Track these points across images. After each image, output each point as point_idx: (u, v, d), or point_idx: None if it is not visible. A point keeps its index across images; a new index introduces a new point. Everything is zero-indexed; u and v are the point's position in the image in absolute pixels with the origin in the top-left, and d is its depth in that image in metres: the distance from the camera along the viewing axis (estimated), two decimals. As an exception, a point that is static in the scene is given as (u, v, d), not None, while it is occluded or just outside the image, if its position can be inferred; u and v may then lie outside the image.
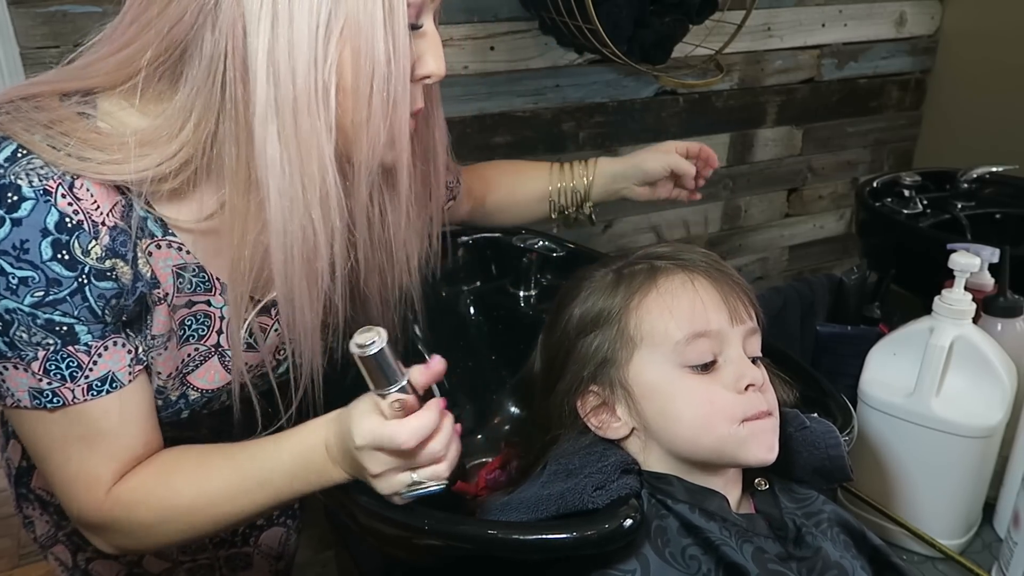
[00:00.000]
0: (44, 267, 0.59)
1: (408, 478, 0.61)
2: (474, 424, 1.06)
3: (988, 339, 0.91)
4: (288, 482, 0.65)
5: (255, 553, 0.99)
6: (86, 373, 0.62)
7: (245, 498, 0.65)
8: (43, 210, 0.58)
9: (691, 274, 0.67)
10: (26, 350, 0.60)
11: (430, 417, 0.60)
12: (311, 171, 0.60)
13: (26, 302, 0.59)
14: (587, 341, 0.67)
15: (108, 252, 0.61)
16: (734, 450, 0.63)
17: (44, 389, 0.62)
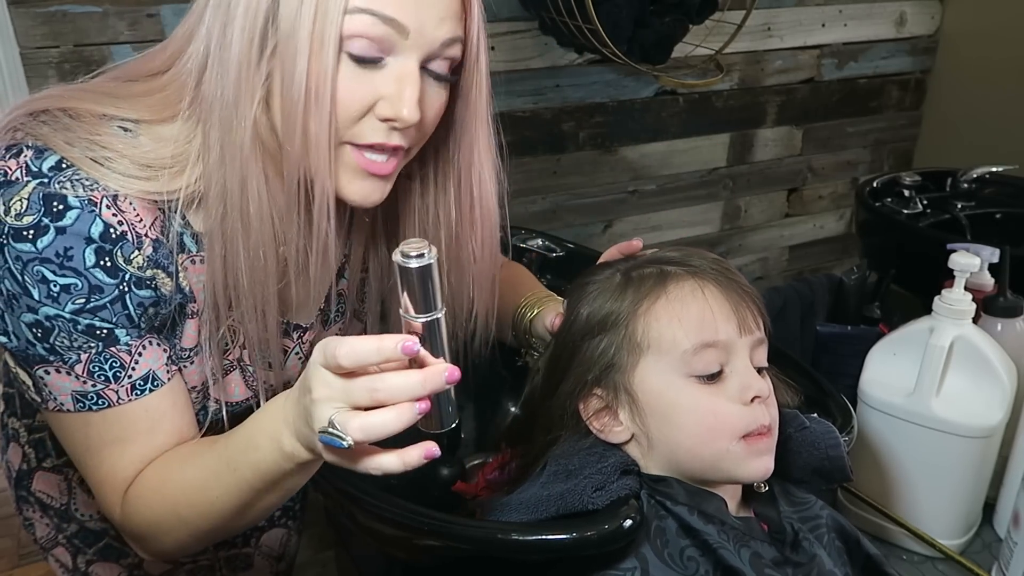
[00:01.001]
0: (87, 274, 0.59)
1: (328, 412, 0.52)
2: (474, 424, 1.06)
3: (988, 339, 0.91)
4: (246, 456, 0.60)
5: (256, 554, 0.99)
6: (129, 373, 0.63)
7: (222, 484, 0.62)
8: (88, 220, 0.59)
9: (701, 281, 0.66)
10: (68, 354, 0.61)
11: (387, 349, 0.50)
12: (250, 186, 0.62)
13: (67, 309, 0.59)
14: (593, 344, 0.67)
15: (150, 262, 0.62)
16: (731, 467, 0.63)
17: (88, 392, 0.62)
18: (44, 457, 0.87)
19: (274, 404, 0.60)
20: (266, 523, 0.99)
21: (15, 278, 0.59)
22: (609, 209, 1.78)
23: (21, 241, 0.58)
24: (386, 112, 0.61)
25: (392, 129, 0.62)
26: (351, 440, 0.50)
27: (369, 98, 0.61)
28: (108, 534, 0.89)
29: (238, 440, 0.61)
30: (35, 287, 0.58)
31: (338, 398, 0.52)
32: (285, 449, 0.57)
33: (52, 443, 0.86)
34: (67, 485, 0.87)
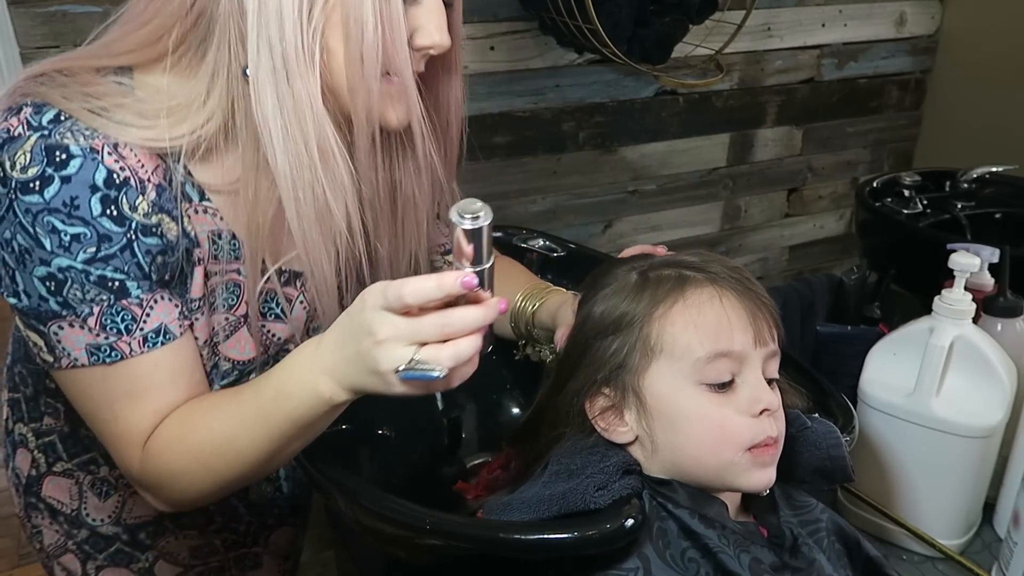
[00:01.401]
0: (95, 223, 0.61)
1: (410, 352, 0.56)
2: (475, 424, 1.06)
3: (988, 339, 0.91)
4: (277, 405, 0.62)
5: (264, 553, 0.99)
6: (140, 326, 0.64)
7: (252, 433, 0.64)
8: (91, 167, 0.60)
9: (720, 289, 0.64)
10: (81, 307, 0.62)
11: (447, 286, 0.55)
12: (307, 130, 0.63)
13: (79, 259, 0.61)
14: (605, 343, 0.66)
15: (155, 207, 0.64)
16: (734, 477, 0.63)
17: (102, 344, 0.63)
18: (54, 461, 0.86)
19: (302, 354, 0.62)
20: (274, 521, 0.99)
21: (27, 231, 0.60)
22: (609, 209, 1.78)
23: (29, 193, 0.59)
24: (424, 41, 0.67)
25: (423, 57, 0.69)
26: (445, 370, 0.55)
27: (409, 31, 0.65)
28: (119, 539, 0.89)
29: (267, 390, 0.63)
30: (46, 238, 0.60)
31: (406, 336, 0.55)
32: (323, 395, 0.60)
33: (62, 446, 0.86)
34: (78, 489, 0.87)
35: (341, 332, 0.60)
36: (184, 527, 0.91)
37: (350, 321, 0.59)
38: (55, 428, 0.85)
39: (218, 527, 0.93)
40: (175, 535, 0.91)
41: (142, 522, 0.89)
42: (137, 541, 0.89)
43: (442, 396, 1.04)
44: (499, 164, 1.57)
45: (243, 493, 0.94)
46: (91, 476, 0.86)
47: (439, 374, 0.55)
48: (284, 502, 0.99)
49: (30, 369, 0.86)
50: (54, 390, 0.84)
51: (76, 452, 0.86)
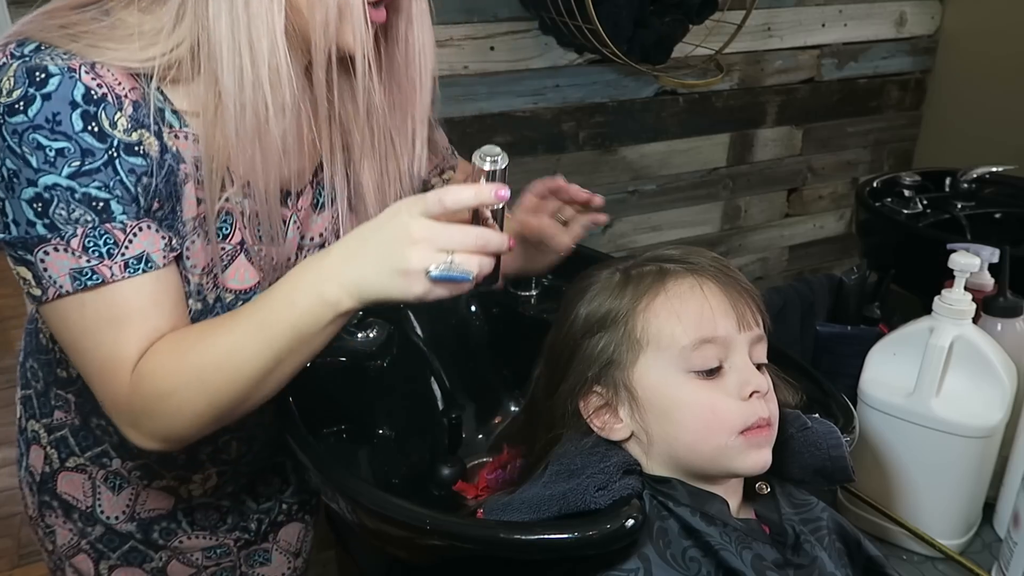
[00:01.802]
0: (77, 137, 0.63)
1: (443, 256, 0.60)
2: (475, 424, 1.06)
3: (988, 339, 0.91)
4: (279, 312, 0.64)
5: (274, 549, 1.00)
6: (122, 251, 0.65)
7: (252, 344, 0.64)
8: (69, 84, 0.62)
9: (700, 278, 0.66)
10: (65, 228, 0.63)
11: (483, 194, 0.62)
12: (261, 47, 0.65)
13: (64, 173, 0.62)
14: (592, 342, 0.67)
15: (133, 123, 0.65)
16: (729, 461, 0.64)
17: (84, 267, 0.64)
18: (67, 456, 0.87)
19: (306, 265, 0.65)
20: (284, 518, 1.00)
21: (14, 153, 0.62)
22: (609, 209, 1.77)
23: (14, 115, 0.62)
24: None
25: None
26: (475, 274, 0.61)
27: None
28: (134, 537, 0.89)
29: (269, 302, 0.65)
30: (32, 155, 0.62)
31: (444, 240, 0.60)
32: (329, 300, 0.62)
33: (74, 439, 0.86)
34: (91, 485, 0.87)
35: (359, 239, 0.63)
36: (197, 525, 0.91)
37: (377, 227, 0.63)
38: (66, 422, 0.86)
39: (229, 527, 0.94)
40: (188, 534, 0.91)
41: (156, 516, 0.89)
42: (151, 540, 0.90)
43: (442, 396, 1.05)
44: (499, 164, 1.57)
45: (250, 487, 0.94)
46: (103, 470, 0.87)
47: (472, 277, 0.61)
48: (292, 496, 0.99)
49: (41, 362, 0.86)
50: (64, 380, 0.85)
51: (88, 445, 0.86)
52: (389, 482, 0.95)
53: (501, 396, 1.09)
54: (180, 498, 0.90)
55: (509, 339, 1.09)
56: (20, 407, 0.91)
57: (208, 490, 0.91)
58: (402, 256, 0.60)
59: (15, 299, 2.75)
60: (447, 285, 0.61)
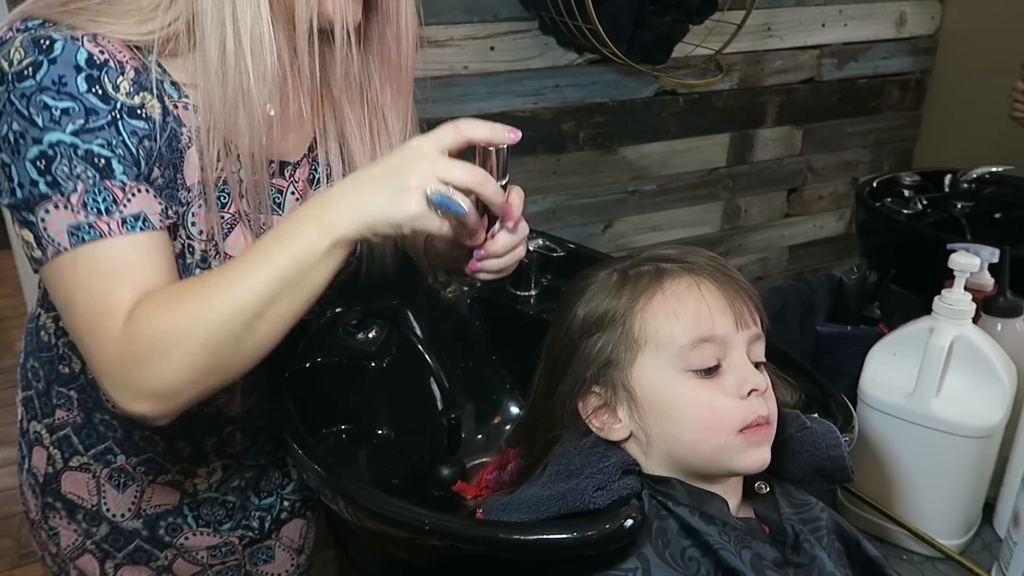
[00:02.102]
0: (81, 98, 0.65)
1: (431, 179, 0.62)
2: (475, 424, 1.06)
3: (988, 339, 0.91)
4: (278, 241, 0.64)
5: (277, 546, 1.00)
6: (120, 208, 0.66)
7: (250, 275, 0.64)
8: (73, 48, 0.65)
9: (697, 278, 0.66)
10: (66, 184, 0.64)
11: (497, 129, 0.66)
12: (244, 17, 0.67)
13: (68, 130, 0.64)
14: (591, 342, 0.67)
15: (135, 86, 0.68)
16: (728, 460, 0.64)
17: (81, 223, 0.65)
18: (70, 456, 0.87)
19: (310, 200, 0.66)
20: (286, 514, 1.00)
21: (22, 115, 0.64)
22: (609, 209, 1.78)
23: (23, 80, 0.64)
24: None
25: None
26: (467, 212, 0.63)
27: None
28: (139, 535, 0.89)
29: (269, 234, 0.65)
30: (39, 115, 0.64)
31: (447, 170, 0.62)
32: (325, 223, 0.63)
33: (77, 438, 0.86)
34: (96, 483, 0.87)
35: (366, 170, 0.65)
36: (202, 521, 0.92)
37: (386, 158, 0.65)
38: (68, 420, 0.86)
39: (233, 524, 0.94)
40: (193, 530, 0.91)
41: (162, 511, 0.89)
42: (156, 537, 0.90)
43: (442, 396, 1.05)
44: (499, 164, 1.57)
45: (254, 481, 0.94)
46: (108, 468, 0.87)
47: (465, 210, 0.63)
48: (293, 492, 1.00)
49: (42, 360, 0.87)
50: (67, 376, 0.85)
51: (91, 443, 0.86)
52: (389, 482, 0.96)
53: (501, 396, 1.09)
54: (186, 492, 0.90)
55: (509, 339, 1.09)
56: (21, 408, 0.91)
57: (213, 484, 0.91)
58: (404, 175, 0.62)
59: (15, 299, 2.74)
60: (438, 215, 0.63)
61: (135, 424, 0.85)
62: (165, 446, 0.87)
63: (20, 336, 0.92)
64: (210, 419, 0.87)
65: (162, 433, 0.86)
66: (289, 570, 1.02)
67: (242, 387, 0.87)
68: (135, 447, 0.86)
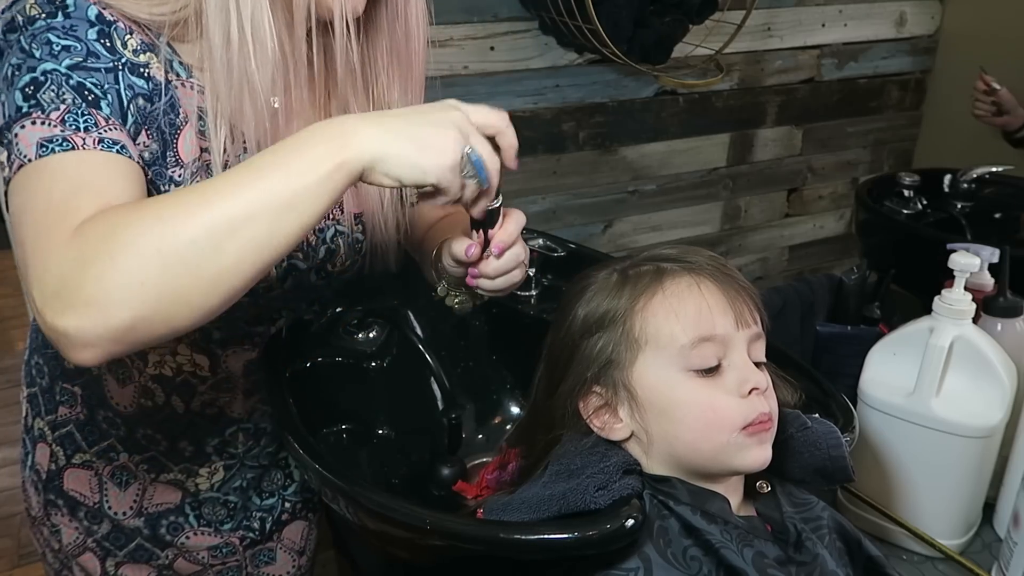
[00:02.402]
0: (87, 42, 0.65)
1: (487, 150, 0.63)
2: (475, 424, 1.06)
3: (988, 339, 0.91)
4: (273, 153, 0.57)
5: (278, 548, 1.00)
6: (100, 132, 0.62)
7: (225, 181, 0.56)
8: (84, 5, 0.66)
9: (697, 277, 0.66)
10: (49, 105, 0.61)
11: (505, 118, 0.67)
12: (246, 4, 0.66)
13: (64, 64, 0.63)
14: (591, 342, 0.67)
15: (143, 45, 0.68)
16: (730, 458, 0.64)
17: (55, 135, 0.59)
18: (73, 453, 0.87)
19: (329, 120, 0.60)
20: (288, 516, 1.00)
21: (23, 50, 0.63)
22: (609, 209, 1.79)
23: (34, 22, 0.64)
24: None
25: None
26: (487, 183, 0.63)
27: None
28: (141, 533, 0.90)
29: (274, 147, 0.58)
30: (39, 48, 0.63)
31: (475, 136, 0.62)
32: (336, 140, 0.56)
33: (80, 435, 0.87)
34: (98, 481, 0.88)
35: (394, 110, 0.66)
36: (204, 520, 0.92)
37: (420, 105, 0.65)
38: (71, 417, 0.86)
39: (234, 524, 0.94)
40: (194, 530, 0.91)
41: (164, 510, 0.90)
42: (158, 536, 0.90)
43: (442, 396, 1.05)
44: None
45: (256, 482, 0.94)
46: (110, 465, 0.87)
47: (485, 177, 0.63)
48: (295, 494, 1.00)
49: (47, 356, 0.87)
50: (71, 371, 0.85)
51: (94, 440, 0.87)
52: (389, 482, 0.95)
53: (501, 396, 1.08)
54: (187, 492, 0.90)
55: (509, 339, 1.08)
56: (26, 405, 0.91)
57: (215, 484, 0.91)
58: (445, 114, 0.61)
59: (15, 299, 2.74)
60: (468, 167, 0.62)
61: (138, 422, 0.85)
62: (167, 445, 0.87)
63: (20, 336, 0.92)
64: (213, 419, 0.88)
65: (164, 432, 0.86)
66: (290, 572, 1.02)
67: (244, 386, 0.87)
68: (137, 445, 0.86)
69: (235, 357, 0.85)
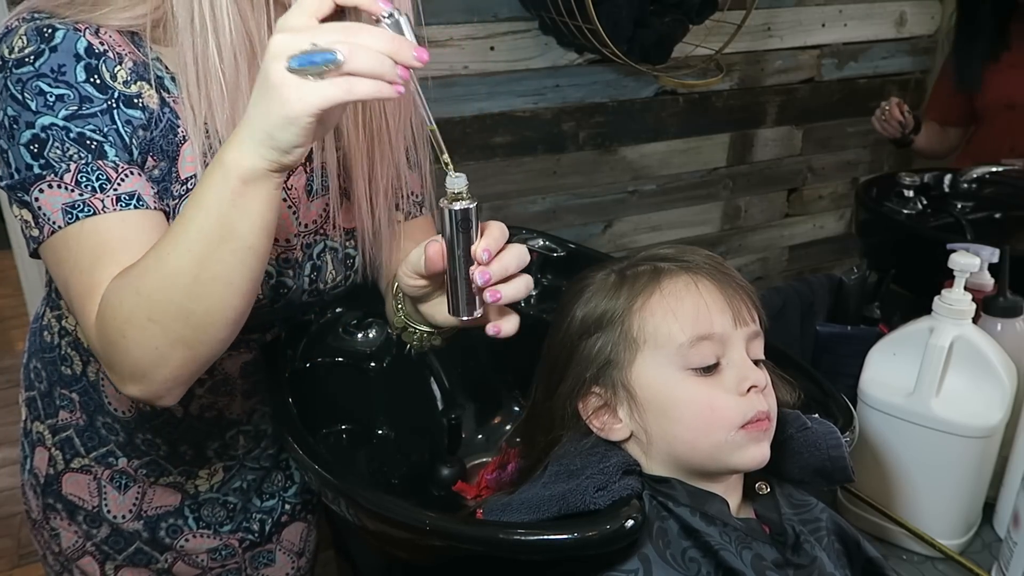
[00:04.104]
0: (78, 86, 0.66)
1: (305, 42, 0.51)
2: (475, 424, 1.06)
3: (988, 339, 0.91)
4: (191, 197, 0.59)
5: (278, 549, 1.00)
6: (115, 186, 0.66)
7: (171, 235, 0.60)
8: (73, 38, 0.66)
9: (695, 276, 0.66)
10: (59, 165, 0.65)
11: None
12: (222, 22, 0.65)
13: (60, 115, 0.65)
14: (590, 342, 0.67)
15: (133, 75, 0.69)
16: (728, 456, 0.64)
17: (76, 201, 0.65)
18: (72, 457, 0.87)
19: None
20: (287, 517, 1.00)
21: (16, 100, 0.65)
22: (609, 209, 1.79)
23: (22, 66, 0.65)
24: None
25: None
26: (340, 55, 0.50)
27: None
28: (140, 536, 0.90)
29: (194, 192, 0.60)
30: (33, 100, 0.65)
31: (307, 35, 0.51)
32: (226, 159, 0.56)
33: (79, 440, 0.87)
34: (97, 485, 0.87)
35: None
36: (203, 523, 0.92)
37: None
38: (71, 422, 0.86)
39: (233, 526, 0.94)
40: (193, 532, 0.91)
41: (163, 513, 0.89)
42: (157, 539, 0.90)
43: (442, 396, 1.05)
44: (499, 164, 1.57)
45: (256, 483, 0.95)
46: (109, 470, 0.87)
47: (338, 56, 0.50)
48: (295, 496, 1.00)
49: (45, 361, 0.87)
50: (69, 378, 0.85)
51: (93, 445, 0.86)
52: (389, 482, 0.95)
53: (501, 396, 1.08)
54: (187, 494, 0.90)
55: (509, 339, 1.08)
56: (25, 409, 0.91)
57: (214, 485, 0.91)
58: (266, 67, 0.52)
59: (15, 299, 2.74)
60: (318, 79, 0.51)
61: (137, 427, 0.85)
62: (167, 449, 0.87)
63: (20, 336, 0.92)
64: (212, 422, 0.87)
65: (164, 436, 0.86)
66: (289, 573, 1.02)
67: (242, 387, 0.87)
68: (137, 450, 0.86)
69: (231, 360, 0.85)
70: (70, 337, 0.84)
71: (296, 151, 0.55)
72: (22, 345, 0.92)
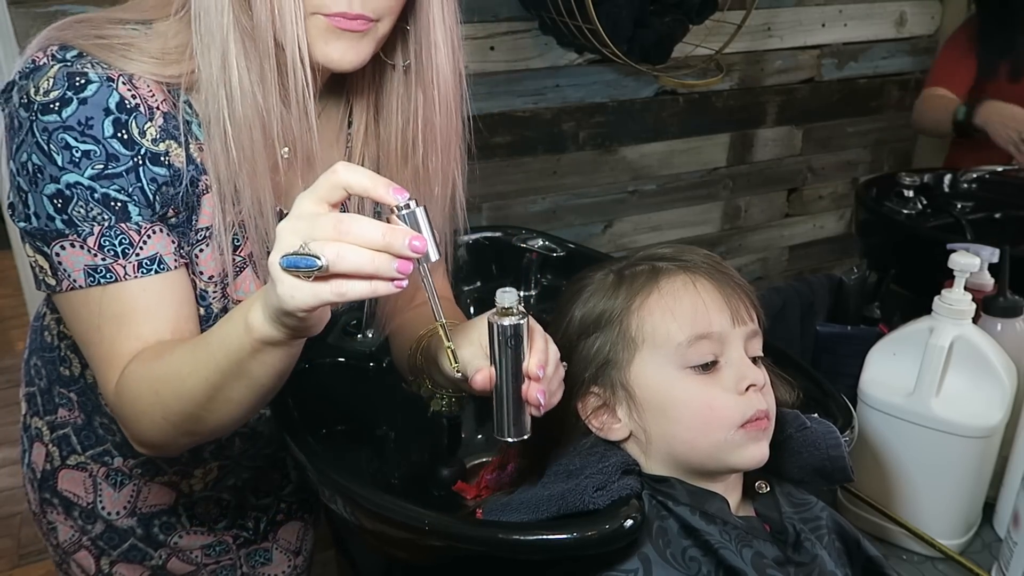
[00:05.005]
0: (105, 143, 0.65)
1: (295, 239, 0.51)
2: (474, 424, 1.06)
3: (988, 339, 0.91)
4: (219, 332, 0.60)
5: (274, 548, 1.00)
6: (136, 251, 0.67)
7: (194, 360, 0.62)
8: (106, 92, 0.65)
9: (693, 275, 0.66)
10: (83, 226, 0.65)
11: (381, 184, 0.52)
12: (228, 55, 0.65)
13: (86, 174, 0.65)
14: (588, 342, 0.67)
15: (162, 133, 0.68)
16: (728, 455, 0.64)
17: (99, 265, 0.66)
18: (68, 454, 0.87)
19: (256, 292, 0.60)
20: (283, 516, 1.00)
21: (42, 150, 0.64)
22: (609, 209, 1.79)
23: (48, 114, 0.64)
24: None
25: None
26: (324, 261, 0.50)
27: None
28: (134, 533, 0.90)
29: (220, 323, 0.62)
30: (59, 154, 0.64)
31: (304, 229, 0.51)
32: (249, 320, 0.57)
33: (76, 438, 0.87)
34: (92, 482, 0.88)
35: None
36: (196, 520, 0.92)
37: None
38: (69, 420, 0.86)
39: (228, 523, 0.94)
40: (187, 529, 0.92)
41: (157, 511, 0.90)
42: (151, 535, 0.90)
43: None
44: (499, 164, 1.57)
45: (252, 482, 0.95)
46: (105, 468, 0.87)
47: (321, 263, 0.50)
48: (292, 494, 0.99)
49: (45, 359, 0.87)
50: (67, 378, 0.85)
51: (90, 444, 0.87)
52: (389, 482, 0.95)
53: (501, 396, 1.08)
54: (181, 493, 0.90)
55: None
56: (24, 404, 0.91)
57: (209, 483, 0.91)
58: (272, 254, 0.53)
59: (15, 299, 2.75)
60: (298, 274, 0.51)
61: None
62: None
63: (20, 336, 0.92)
64: None
65: None
66: (286, 571, 1.02)
67: None
68: (133, 451, 0.86)
69: None
70: (69, 340, 0.84)
71: (311, 328, 0.57)
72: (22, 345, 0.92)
